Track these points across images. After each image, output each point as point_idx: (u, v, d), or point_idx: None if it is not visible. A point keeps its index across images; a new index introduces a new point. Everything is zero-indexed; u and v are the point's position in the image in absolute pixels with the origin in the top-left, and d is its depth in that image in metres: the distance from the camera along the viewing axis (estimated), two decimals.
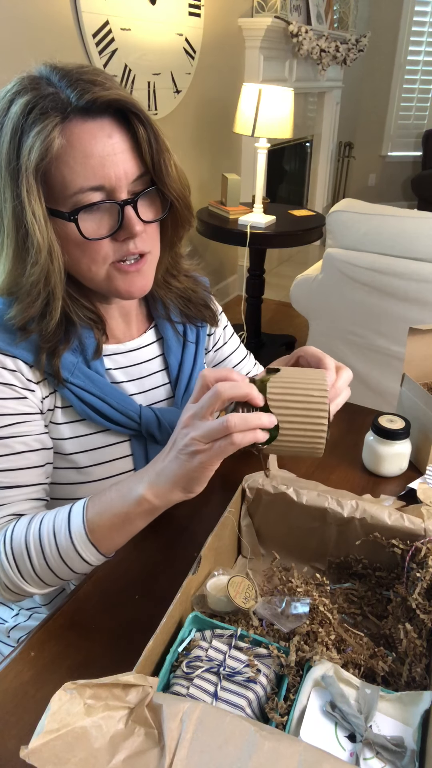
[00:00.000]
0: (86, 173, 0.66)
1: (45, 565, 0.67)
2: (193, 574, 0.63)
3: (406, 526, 0.70)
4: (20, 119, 0.64)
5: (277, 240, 2.78)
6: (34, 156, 0.64)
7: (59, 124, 0.65)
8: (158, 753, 0.44)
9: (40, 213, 0.65)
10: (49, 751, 0.43)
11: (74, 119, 0.66)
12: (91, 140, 0.66)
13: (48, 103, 0.64)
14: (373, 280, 1.99)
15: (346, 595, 0.72)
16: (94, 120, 0.67)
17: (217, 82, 3.17)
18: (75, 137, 0.66)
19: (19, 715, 0.60)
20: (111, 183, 0.68)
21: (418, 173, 5.84)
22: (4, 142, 0.65)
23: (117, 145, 0.67)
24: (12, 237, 0.67)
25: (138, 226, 0.70)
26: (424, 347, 1.05)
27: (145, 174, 0.71)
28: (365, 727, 0.53)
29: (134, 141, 0.69)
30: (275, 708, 0.55)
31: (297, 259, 4.60)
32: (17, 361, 0.73)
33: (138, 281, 0.75)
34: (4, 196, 0.66)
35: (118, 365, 0.84)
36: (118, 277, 0.73)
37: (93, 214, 0.69)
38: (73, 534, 0.65)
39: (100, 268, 0.72)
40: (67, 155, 0.66)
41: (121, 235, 0.70)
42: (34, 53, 2.27)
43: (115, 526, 0.65)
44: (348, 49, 4.39)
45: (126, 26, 2.41)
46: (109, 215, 0.70)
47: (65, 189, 0.67)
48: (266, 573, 0.76)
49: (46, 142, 0.64)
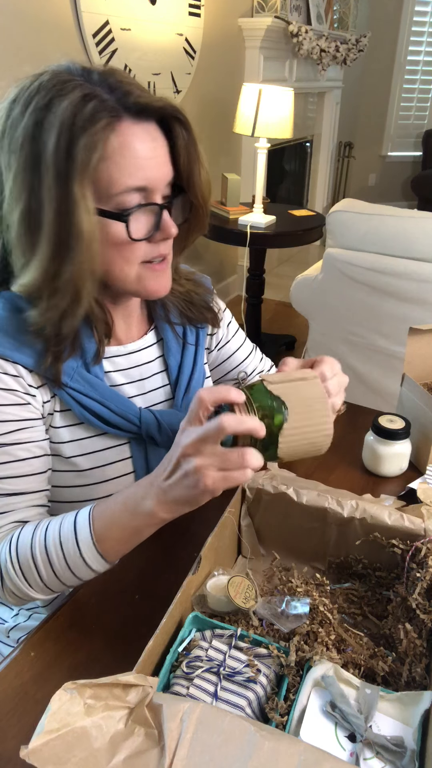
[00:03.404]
0: (134, 173, 0.68)
1: (52, 573, 0.68)
2: (193, 574, 0.63)
3: (406, 526, 0.70)
4: (70, 118, 0.63)
5: (277, 240, 2.78)
6: (89, 153, 0.64)
7: (112, 124, 0.66)
8: (158, 753, 0.44)
9: (92, 210, 0.66)
10: (49, 751, 0.43)
11: (125, 120, 0.67)
12: (140, 142, 0.68)
13: (98, 103, 0.65)
14: (373, 280, 1.99)
15: (346, 595, 0.72)
16: (142, 124, 0.68)
17: (217, 82, 3.17)
18: (126, 138, 0.67)
19: (19, 715, 0.60)
20: (152, 185, 0.70)
21: (418, 173, 5.84)
22: (51, 139, 0.64)
23: (159, 148, 0.70)
24: (52, 236, 0.66)
25: (173, 229, 0.73)
26: (424, 347, 1.05)
27: (176, 180, 0.74)
28: (365, 727, 0.53)
29: (174, 147, 0.72)
30: (275, 708, 0.55)
31: (297, 259, 4.60)
32: (18, 366, 0.72)
33: (164, 280, 0.77)
34: (49, 194, 0.65)
35: (117, 367, 0.84)
36: (149, 277, 0.75)
37: (136, 216, 0.70)
38: (82, 546, 0.66)
39: (132, 268, 0.73)
40: (118, 155, 0.67)
41: (157, 236, 0.73)
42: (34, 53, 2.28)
43: (123, 539, 0.66)
44: (348, 49, 4.39)
45: (126, 26, 2.41)
46: (147, 217, 0.71)
47: (111, 188, 0.67)
48: (266, 573, 0.76)
49: (102, 141, 0.65)
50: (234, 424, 0.56)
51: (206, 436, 0.56)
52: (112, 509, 0.66)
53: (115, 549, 0.67)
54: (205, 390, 0.58)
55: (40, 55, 2.03)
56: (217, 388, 0.59)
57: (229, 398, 0.58)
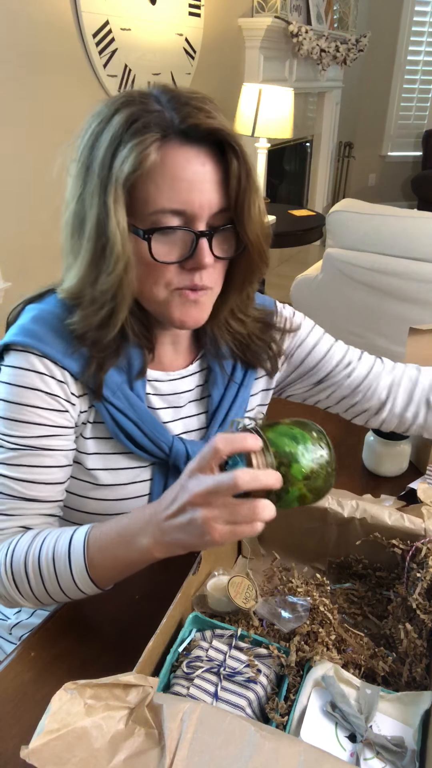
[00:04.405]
0: (171, 195, 0.65)
1: (42, 586, 0.67)
2: (193, 575, 0.63)
3: (406, 527, 0.70)
4: (121, 129, 0.64)
5: (277, 240, 2.75)
6: (127, 167, 0.63)
7: (157, 141, 0.65)
8: (158, 753, 0.44)
9: (124, 224, 0.65)
10: (49, 751, 0.43)
11: (173, 140, 0.66)
12: (185, 164, 0.66)
13: (151, 119, 0.64)
14: (373, 280, 1.99)
15: (347, 595, 0.72)
16: (191, 146, 0.66)
17: (217, 82, 3.17)
18: (170, 157, 0.65)
19: (19, 715, 0.60)
20: (193, 210, 0.67)
21: (418, 173, 5.84)
22: (102, 148, 0.65)
23: (208, 174, 0.67)
24: (92, 243, 0.67)
25: (208, 258, 0.68)
26: (424, 347, 1.05)
27: (226, 210, 0.70)
28: (365, 727, 0.53)
29: (224, 174, 0.68)
30: (275, 708, 0.55)
31: (297, 259, 4.60)
32: (65, 372, 0.72)
33: (194, 312, 0.73)
34: (91, 201, 0.66)
35: (157, 392, 0.82)
36: (177, 303, 0.72)
37: (168, 238, 0.68)
38: (74, 568, 0.65)
39: (160, 291, 0.71)
40: (157, 173, 0.65)
41: (189, 264, 0.69)
42: (35, 53, 2.28)
43: (116, 569, 0.65)
44: (348, 49, 4.39)
45: (126, 26, 2.41)
46: (183, 243, 0.69)
47: (147, 206, 0.66)
48: (266, 573, 0.76)
49: (142, 156, 0.63)
50: (248, 480, 0.52)
51: (217, 489, 0.53)
52: (108, 537, 0.65)
53: (107, 576, 0.66)
54: (221, 439, 0.55)
55: (40, 55, 2.03)
56: (234, 436, 0.55)
57: (245, 448, 0.55)
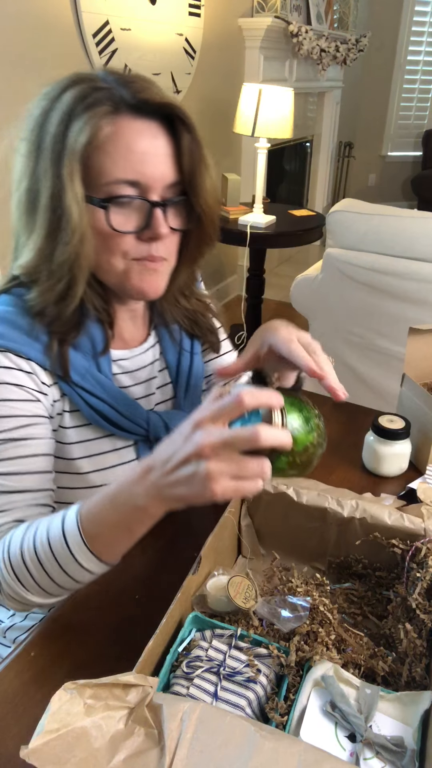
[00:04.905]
0: (125, 166, 0.68)
1: (45, 575, 0.65)
2: (193, 574, 0.63)
3: (406, 526, 0.70)
4: (72, 104, 0.67)
5: (277, 240, 2.78)
6: (81, 139, 0.65)
7: (110, 114, 0.67)
8: (158, 753, 0.44)
9: (80, 195, 0.67)
10: (49, 751, 0.43)
11: (125, 114, 0.68)
12: (137, 136, 0.68)
13: (102, 95, 0.67)
14: (373, 280, 1.99)
15: (346, 595, 0.72)
16: (143, 119, 0.69)
17: (217, 82, 3.17)
18: (122, 130, 0.68)
19: (19, 715, 0.60)
20: (146, 181, 0.69)
21: (418, 173, 5.84)
22: (53, 125, 0.67)
23: (160, 147, 0.70)
24: (47, 216, 0.68)
25: (164, 229, 0.71)
26: (424, 347, 1.05)
27: (179, 183, 0.72)
28: (365, 727, 0.53)
29: (176, 148, 0.71)
30: (275, 708, 0.55)
31: (297, 259, 4.60)
32: (32, 363, 0.72)
33: (153, 280, 0.75)
34: (45, 176, 0.68)
35: (124, 370, 0.84)
36: (136, 272, 0.73)
37: (123, 209, 0.70)
38: (72, 547, 0.62)
39: (118, 261, 0.73)
40: (111, 145, 0.68)
41: (145, 234, 0.71)
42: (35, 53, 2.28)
43: (116, 537, 0.62)
44: (348, 49, 4.39)
45: (126, 26, 2.41)
46: (138, 213, 0.71)
47: (101, 177, 0.68)
48: (266, 573, 0.76)
49: (96, 127, 0.66)
50: (269, 436, 0.51)
51: (234, 441, 0.51)
52: (100, 507, 0.62)
53: (109, 548, 0.63)
54: (248, 393, 0.52)
55: (40, 55, 2.03)
56: (260, 392, 0.53)
57: (270, 404, 0.54)
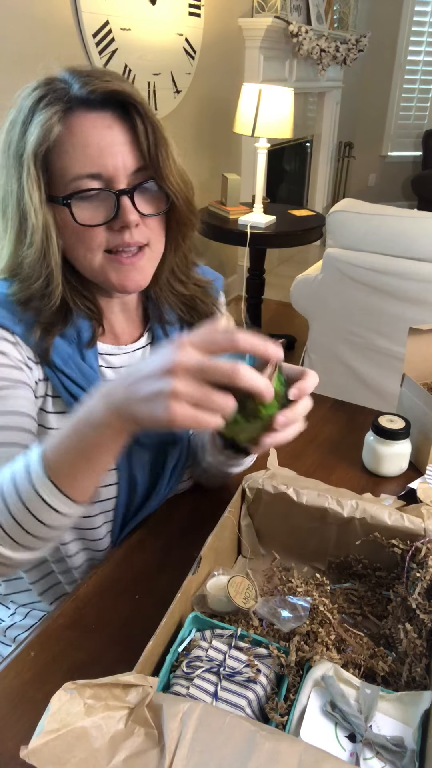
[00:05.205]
0: (84, 161, 0.69)
1: (11, 520, 0.61)
2: (193, 574, 0.63)
3: (406, 526, 0.70)
4: (30, 111, 0.69)
5: (277, 240, 2.78)
6: (32, 141, 0.67)
7: (61, 112, 0.68)
8: (158, 753, 0.44)
9: (37, 197, 0.68)
10: (49, 751, 0.43)
11: (77, 110, 0.69)
12: (90, 129, 0.69)
13: (55, 95, 0.68)
14: (373, 280, 1.99)
15: (346, 595, 0.72)
16: (96, 112, 0.69)
17: (217, 82, 3.17)
18: (75, 126, 0.68)
19: (19, 715, 0.60)
20: (108, 172, 0.69)
21: (418, 173, 5.84)
22: (15, 132, 0.70)
23: (117, 136, 0.70)
24: (14, 219, 0.71)
25: (132, 215, 0.71)
26: (424, 347, 1.05)
27: (144, 168, 0.72)
28: (365, 727, 0.52)
29: (134, 134, 0.71)
30: (275, 708, 0.55)
31: (297, 259, 4.60)
32: (17, 338, 0.74)
33: (133, 275, 0.75)
34: (10, 182, 0.70)
35: (110, 365, 0.84)
36: (113, 269, 0.74)
37: (90, 203, 0.70)
38: (36, 483, 0.59)
39: (95, 256, 0.73)
40: (67, 143, 0.68)
41: (116, 224, 0.71)
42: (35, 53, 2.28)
43: (74, 464, 0.59)
44: (348, 49, 4.39)
45: (126, 26, 2.41)
46: (106, 205, 0.71)
47: (63, 176, 0.69)
48: (266, 573, 0.76)
49: (45, 129, 0.67)
50: (248, 378, 0.50)
51: (209, 370, 0.49)
52: (62, 432, 0.59)
53: (71, 480, 0.59)
54: (245, 336, 0.51)
55: (40, 54, 2.02)
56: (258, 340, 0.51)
57: (267, 354, 0.52)
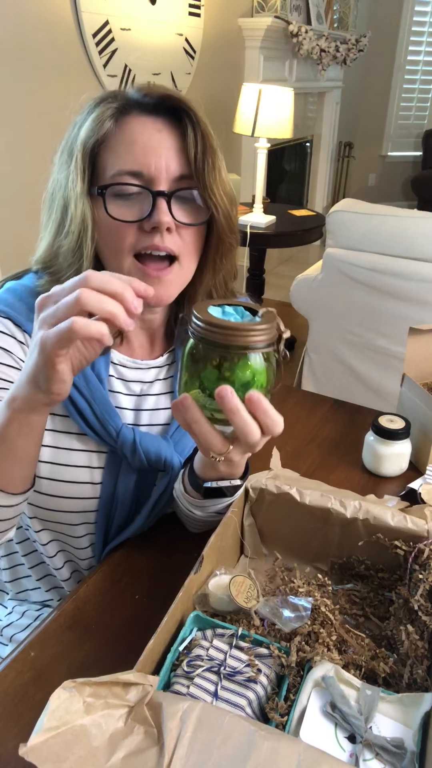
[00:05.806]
0: (127, 157, 0.70)
1: None
2: (194, 574, 0.63)
3: (409, 528, 0.69)
4: (89, 111, 0.72)
5: (277, 240, 2.78)
6: (83, 133, 0.70)
7: (115, 110, 0.71)
8: (157, 752, 0.44)
9: (79, 187, 0.70)
10: (48, 749, 0.43)
11: (131, 112, 0.72)
12: (140, 129, 0.70)
13: (112, 98, 0.72)
14: (373, 280, 1.99)
15: (348, 596, 0.72)
16: (149, 116, 0.71)
17: (217, 82, 3.17)
18: (126, 125, 0.71)
19: (19, 715, 0.60)
20: (150, 172, 0.70)
21: (418, 173, 5.84)
22: (74, 131, 0.73)
23: (165, 140, 0.71)
24: (58, 210, 0.73)
25: (165, 217, 0.69)
26: (424, 347, 1.05)
27: (189, 177, 0.71)
28: (365, 729, 0.52)
29: (185, 142, 0.71)
30: (275, 708, 0.55)
31: (297, 259, 4.60)
32: (27, 336, 0.74)
33: (157, 288, 0.71)
34: (60, 175, 0.73)
35: (120, 376, 0.82)
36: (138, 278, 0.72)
37: (126, 200, 0.71)
38: None
39: (124, 259, 0.71)
40: (115, 140, 0.71)
41: (147, 224, 0.69)
42: (35, 53, 2.28)
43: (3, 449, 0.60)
44: (348, 49, 4.39)
45: (126, 26, 2.41)
46: (142, 204, 0.70)
47: (107, 171, 0.71)
48: (268, 573, 0.76)
49: (97, 122, 0.70)
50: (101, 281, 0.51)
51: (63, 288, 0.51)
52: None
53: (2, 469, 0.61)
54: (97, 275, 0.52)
55: (40, 55, 2.03)
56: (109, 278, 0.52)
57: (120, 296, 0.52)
